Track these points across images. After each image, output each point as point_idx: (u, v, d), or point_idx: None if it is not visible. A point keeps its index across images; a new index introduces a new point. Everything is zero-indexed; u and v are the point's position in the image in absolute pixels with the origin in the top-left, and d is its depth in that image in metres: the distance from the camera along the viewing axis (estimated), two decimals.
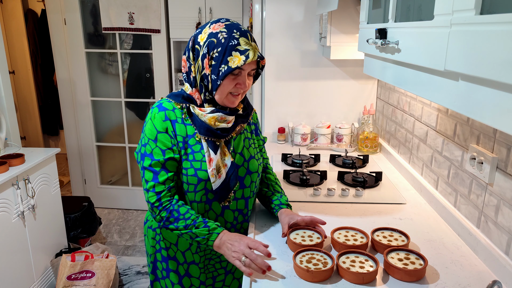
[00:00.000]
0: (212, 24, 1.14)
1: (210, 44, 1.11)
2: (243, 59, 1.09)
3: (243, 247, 1.10)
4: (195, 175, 1.16)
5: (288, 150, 2.21)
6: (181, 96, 1.19)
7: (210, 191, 1.19)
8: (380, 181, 1.76)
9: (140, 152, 1.17)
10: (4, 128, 2.36)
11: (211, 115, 1.16)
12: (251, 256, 1.07)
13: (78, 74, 3.37)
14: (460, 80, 0.75)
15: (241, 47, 1.10)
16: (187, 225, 1.13)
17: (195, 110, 1.17)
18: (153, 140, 1.15)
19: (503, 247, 1.09)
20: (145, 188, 1.17)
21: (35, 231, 2.26)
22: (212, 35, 1.12)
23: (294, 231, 1.25)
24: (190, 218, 1.14)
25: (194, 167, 1.16)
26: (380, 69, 1.28)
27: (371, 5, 1.37)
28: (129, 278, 2.64)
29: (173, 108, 1.17)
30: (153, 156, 1.14)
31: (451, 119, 1.41)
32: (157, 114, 1.16)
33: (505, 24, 0.59)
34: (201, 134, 1.17)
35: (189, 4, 3.12)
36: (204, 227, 1.14)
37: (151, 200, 1.15)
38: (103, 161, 3.67)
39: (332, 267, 1.06)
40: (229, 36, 1.10)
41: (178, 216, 1.14)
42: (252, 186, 1.29)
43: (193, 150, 1.17)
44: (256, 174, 1.29)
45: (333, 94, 2.34)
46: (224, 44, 1.10)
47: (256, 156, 1.30)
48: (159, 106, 1.17)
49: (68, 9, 3.23)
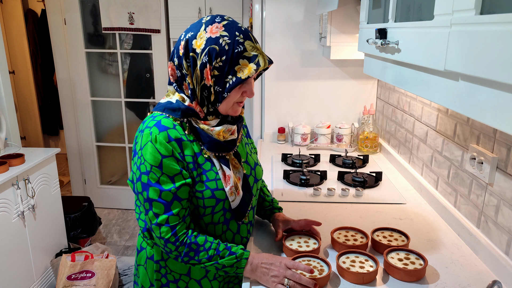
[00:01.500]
0: (208, 26, 0.97)
1: (211, 52, 0.95)
2: (253, 68, 0.96)
3: (283, 269, 1.00)
4: (213, 196, 1.03)
5: (288, 150, 2.21)
6: (179, 110, 1.01)
7: (228, 210, 1.07)
8: (380, 181, 1.76)
9: (140, 181, 0.98)
10: (4, 128, 2.36)
11: (219, 128, 1.03)
12: (294, 278, 0.98)
13: (78, 74, 3.37)
14: (460, 80, 0.75)
15: (248, 53, 0.96)
16: (211, 256, 1.00)
17: (200, 124, 1.02)
18: (157, 167, 0.96)
19: (503, 247, 1.09)
20: (153, 224, 0.99)
21: (35, 231, 2.26)
22: (212, 41, 0.95)
23: (290, 237, 1.23)
24: (211, 247, 1.01)
25: (210, 188, 1.02)
26: (380, 69, 1.28)
27: (371, 5, 1.37)
28: (129, 278, 2.64)
29: (173, 126, 0.99)
30: (161, 186, 0.97)
31: (451, 119, 1.41)
32: (159, 135, 0.96)
33: (505, 24, 0.59)
34: (211, 151, 1.03)
35: (189, 4, 3.13)
36: (229, 254, 1.01)
37: (165, 236, 0.99)
38: (103, 161, 3.67)
39: (328, 274, 1.04)
40: (233, 41, 0.95)
41: (198, 249, 1.00)
42: (257, 194, 1.22)
43: (204, 169, 1.03)
44: (261, 181, 1.23)
45: (333, 94, 2.34)
46: (229, 52, 0.95)
47: (258, 162, 1.23)
48: (158, 126, 0.98)
49: (68, 9, 3.23)
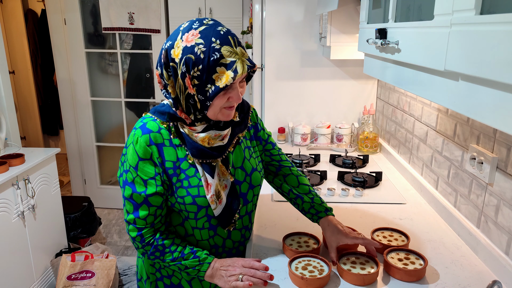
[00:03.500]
0: (184, 34, 0.95)
1: (188, 62, 0.93)
2: (231, 75, 0.92)
3: (239, 268, 1.03)
4: (194, 203, 1.03)
5: (288, 150, 2.21)
6: (166, 114, 1.01)
7: (212, 217, 1.07)
8: (380, 181, 1.76)
9: (122, 178, 1.03)
10: (4, 128, 2.36)
11: (203, 135, 1.01)
12: (249, 273, 1.02)
13: (78, 74, 3.37)
14: (460, 80, 0.75)
15: (226, 60, 0.92)
16: (175, 258, 1.04)
17: (185, 129, 1.02)
18: (134, 167, 1.00)
19: (503, 247, 1.09)
20: (125, 219, 1.05)
21: (35, 231, 2.26)
22: (187, 50, 0.93)
23: (290, 237, 1.23)
24: (177, 250, 1.04)
25: (191, 194, 1.02)
26: (380, 69, 1.28)
27: (371, 5, 1.37)
28: (129, 278, 2.64)
29: (158, 129, 1.01)
30: (135, 187, 1.00)
31: (451, 119, 1.41)
32: (140, 137, 0.99)
33: (505, 24, 0.59)
34: (194, 157, 1.02)
35: (189, 4, 3.13)
36: (193, 258, 1.04)
37: (131, 234, 1.04)
38: (103, 161, 3.67)
39: (328, 275, 1.04)
40: (208, 49, 0.91)
41: (163, 250, 1.04)
42: (254, 199, 1.17)
43: (187, 175, 1.02)
44: (258, 188, 1.17)
45: (333, 94, 2.34)
46: (205, 60, 0.91)
47: (258, 167, 1.16)
48: (143, 128, 1.00)
49: (68, 9, 3.23)
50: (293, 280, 1.06)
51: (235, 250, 1.18)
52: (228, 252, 1.16)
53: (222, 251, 1.14)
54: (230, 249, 1.16)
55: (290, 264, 1.09)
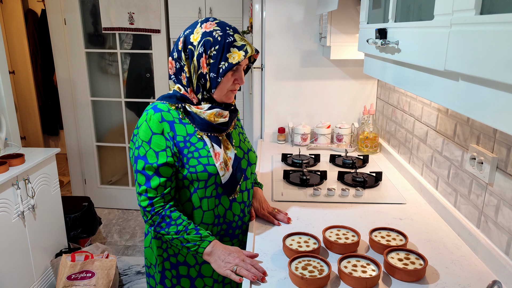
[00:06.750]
0: (203, 24, 1.15)
1: (206, 43, 1.12)
2: (242, 54, 1.12)
3: (238, 259, 1.09)
4: (205, 170, 1.16)
5: (288, 150, 2.21)
6: (174, 97, 1.19)
7: (219, 185, 1.20)
8: (380, 181, 1.76)
9: (134, 155, 1.15)
10: (4, 128, 2.36)
11: (210, 111, 1.17)
12: (246, 266, 1.08)
13: (78, 74, 3.37)
14: (460, 80, 0.75)
15: (238, 43, 1.13)
16: (179, 231, 1.12)
17: (192, 108, 1.17)
18: (147, 142, 1.13)
19: (503, 247, 1.09)
20: (137, 192, 1.15)
21: (35, 231, 2.26)
22: (206, 34, 1.13)
23: (290, 236, 1.23)
24: (182, 224, 1.13)
25: (202, 163, 1.16)
26: (380, 69, 1.28)
27: (371, 5, 1.37)
28: (129, 278, 2.64)
29: (168, 109, 1.17)
30: (147, 159, 1.12)
31: (451, 119, 1.41)
32: (153, 115, 1.14)
33: (505, 24, 0.59)
34: (203, 131, 1.18)
35: (189, 4, 3.13)
36: (196, 234, 1.13)
37: (142, 204, 1.14)
38: (103, 161, 3.67)
39: (328, 275, 1.04)
40: (225, 34, 1.13)
41: (170, 222, 1.13)
42: (252, 177, 1.33)
43: (197, 147, 1.17)
44: (254, 166, 1.34)
45: (333, 94, 2.34)
46: (221, 41, 1.12)
47: (252, 148, 1.34)
48: (154, 108, 1.16)
49: (68, 9, 3.23)
50: (293, 280, 1.05)
51: (234, 224, 1.28)
52: (228, 224, 1.26)
53: (223, 221, 1.25)
54: (230, 222, 1.27)
55: (290, 264, 1.09)
